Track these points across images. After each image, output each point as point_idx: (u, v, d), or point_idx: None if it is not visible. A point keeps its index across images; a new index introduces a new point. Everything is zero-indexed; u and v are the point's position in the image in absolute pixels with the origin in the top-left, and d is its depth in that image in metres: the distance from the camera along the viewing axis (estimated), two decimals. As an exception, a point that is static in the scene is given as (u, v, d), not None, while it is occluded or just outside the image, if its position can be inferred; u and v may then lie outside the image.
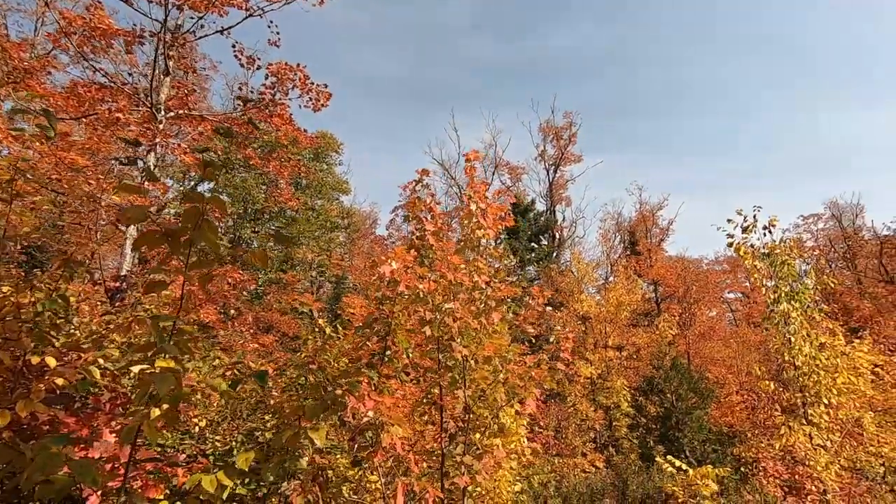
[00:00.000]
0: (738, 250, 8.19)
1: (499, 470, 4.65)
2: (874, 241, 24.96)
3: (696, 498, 5.28)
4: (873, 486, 9.67)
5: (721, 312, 35.38)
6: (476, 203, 3.87)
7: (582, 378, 19.79)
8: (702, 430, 12.60)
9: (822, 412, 7.23)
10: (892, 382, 14.66)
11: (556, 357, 3.91)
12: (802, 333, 7.54)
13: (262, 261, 2.07)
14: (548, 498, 12.50)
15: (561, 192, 32.42)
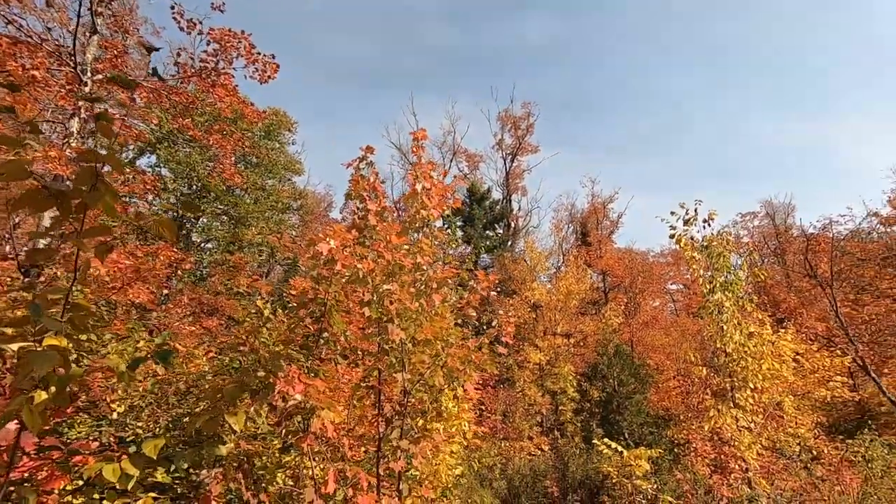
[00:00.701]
0: (679, 241, 8.52)
1: (439, 454, 4.63)
2: (802, 238, 26.74)
3: (630, 478, 5.47)
4: (790, 464, 10.45)
5: (663, 303, 37.11)
6: (421, 183, 3.76)
7: (531, 364, 20.26)
8: (640, 414, 13.18)
9: (748, 396, 7.69)
10: (810, 369, 15.84)
11: (497, 341, 3.88)
12: (734, 322, 7.96)
13: (171, 231, 1.87)
14: (493, 480, 12.76)
15: (517, 181, 32.78)
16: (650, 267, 32.59)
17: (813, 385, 15.82)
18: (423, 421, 4.26)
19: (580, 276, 21.73)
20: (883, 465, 10.23)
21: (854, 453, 11.47)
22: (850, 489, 9.32)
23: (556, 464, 9.34)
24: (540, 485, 8.67)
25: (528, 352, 19.87)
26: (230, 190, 21.76)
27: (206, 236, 21.64)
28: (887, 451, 11.47)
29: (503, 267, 23.06)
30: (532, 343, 20.63)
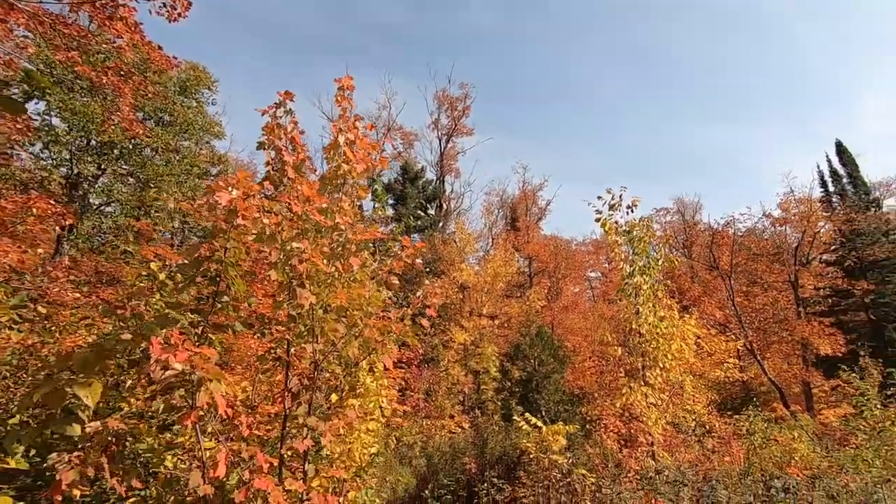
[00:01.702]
0: (603, 225, 8.75)
1: (354, 432, 4.35)
2: (707, 233, 29.08)
3: (546, 452, 5.51)
4: (687, 438, 11.32)
5: (583, 289, 39.06)
6: (344, 135, 3.37)
7: (456, 344, 20.46)
8: (557, 392, 13.68)
9: (658, 374, 8.11)
10: (708, 352, 17.25)
11: (421, 314, 3.63)
12: (649, 305, 8.32)
13: None
14: (413, 458, 12.72)
15: (451, 162, 32.66)
16: (573, 254, 34.04)
17: (709, 366, 17.31)
18: (338, 397, 3.95)
19: (508, 259, 22.14)
20: (763, 437, 11.38)
21: (740, 427, 12.69)
22: (736, 459, 10.27)
23: (475, 441, 9.40)
24: (458, 462, 8.67)
25: (453, 332, 20.01)
26: (138, 148, 19.65)
27: (107, 198, 19.44)
28: (766, 425, 12.82)
29: (433, 247, 22.94)
30: (458, 323, 20.80)
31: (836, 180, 27.77)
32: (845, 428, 12.05)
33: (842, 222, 24.33)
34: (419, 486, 9.30)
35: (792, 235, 26.12)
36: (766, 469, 8.74)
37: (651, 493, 4.73)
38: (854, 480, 6.92)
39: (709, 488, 4.20)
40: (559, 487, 5.45)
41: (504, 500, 6.69)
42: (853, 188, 27.28)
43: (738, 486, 6.32)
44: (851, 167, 27.72)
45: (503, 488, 6.68)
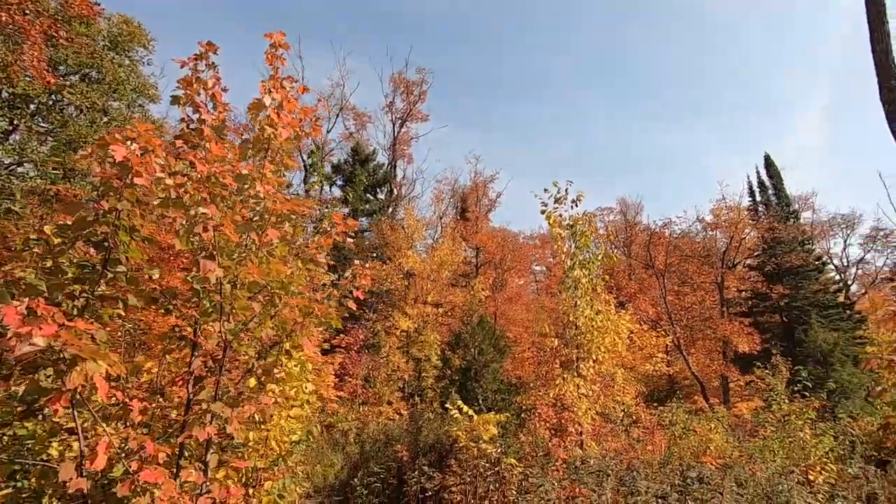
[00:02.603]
0: (548, 217, 8.80)
1: (273, 419, 4.07)
2: (645, 233, 30.41)
3: (477, 441, 5.46)
4: (615, 428, 11.77)
5: (528, 282, 39.92)
6: (271, 95, 3.05)
7: (398, 331, 20.28)
8: (495, 382, 13.83)
9: (590, 366, 8.31)
10: (639, 346, 18.01)
11: (348, 295, 3.40)
12: (587, 298, 8.49)
13: None
14: (346, 445, 12.47)
15: (404, 147, 32.15)
16: (520, 247, 34.65)
17: (640, 360, 18.13)
18: (256, 381, 3.66)
19: (455, 248, 22.13)
20: (683, 427, 12.05)
21: (664, 418, 13.38)
22: (659, 448, 10.79)
23: (409, 428, 9.29)
24: (391, 449, 8.53)
25: (396, 318, 19.80)
26: (59, 105, 17.84)
27: (19, 157, 17.57)
28: (687, 416, 13.59)
29: (381, 232, 22.54)
30: (402, 310, 20.61)
31: (762, 191, 29.73)
32: (756, 420, 12.93)
33: (765, 230, 26.12)
34: (350, 473, 9.10)
35: (721, 240, 27.81)
36: (685, 458, 9.22)
37: (575, 483, 4.78)
38: (761, 469, 7.40)
39: (630, 478, 4.28)
40: (487, 476, 5.43)
41: (433, 487, 6.61)
42: (777, 199, 29.32)
43: (659, 475, 6.58)
44: (777, 180, 29.75)
45: (433, 476, 6.61)
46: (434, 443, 8.50)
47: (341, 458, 11.15)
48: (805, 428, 8.65)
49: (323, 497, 8.95)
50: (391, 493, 7.70)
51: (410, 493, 6.98)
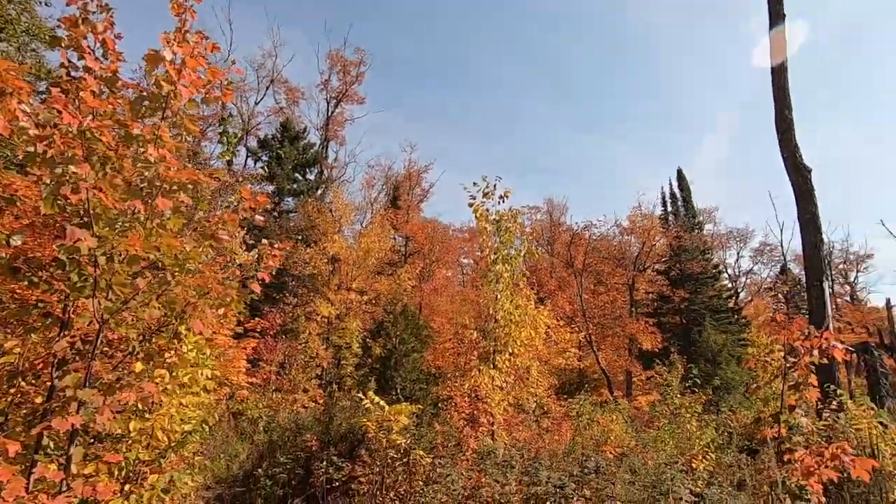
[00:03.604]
0: (475, 211, 8.87)
1: (162, 407, 3.71)
2: (568, 233, 31.86)
3: (387, 432, 5.39)
4: (527, 418, 12.23)
5: (455, 274, 40.38)
6: (172, 48, 2.72)
7: (319, 317, 19.69)
8: (414, 371, 13.84)
9: (506, 359, 8.52)
10: (555, 341, 18.83)
11: (254, 277, 3.15)
12: (507, 293, 8.67)
13: None
14: (255, 434, 11.91)
15: (338, 129, 31.13)
16: (449, 239, 34.96)
17: (554, 354, 18.97)
18: (143, 366, 3.30)
19: (384, 235, 21.83)
20: (589, 418, 12.79)
21: (572, 410, 14.11)
22: (564, 438, 11.36)
23: (321, 417, 9.03)
24: (301, 439, 8.24)
25: (318, 304, 19.21)
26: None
27: None
28: (593, 408, 14.45)
29: (307, 214, 21.69)
30: (324, 296, 20.03)
31: (673, 202, 32.18)
32: (652, 412, 14.00)
33: (673, 238, 28.32)
34: (256, 463, 8.68)
35: (635, 245, 29.78)
36: (588, 448, 9.77)
37: (482, 473, 4.85)
38: (653, 458, 8.00)
39: (533, 468, 4.41)
40: (396, 466, 5.37)
41: (341, 478, 6.46)
42: (685, 210, 31.89)
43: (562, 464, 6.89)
44: (686, 192, 32.33)
45: (342, 467, 6.45)
46: (346, 433, 8.32)
47: (248, 447, 10.63)
48: (692, 420, 9.46)
49: (224, 489, 8.47)
50: (297, 484, 7.44)
51: (317, 484, 6.78)
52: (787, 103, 9.85)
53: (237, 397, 13.88)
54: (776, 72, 10.23)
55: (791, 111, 9.79)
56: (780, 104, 9.99)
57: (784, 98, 9.92)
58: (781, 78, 10.12)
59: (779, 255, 40.50)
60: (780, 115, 9.97)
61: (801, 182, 9.36)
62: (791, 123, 9.73)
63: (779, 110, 10.02)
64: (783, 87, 10.02)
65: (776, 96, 10.10)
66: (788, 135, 9.69)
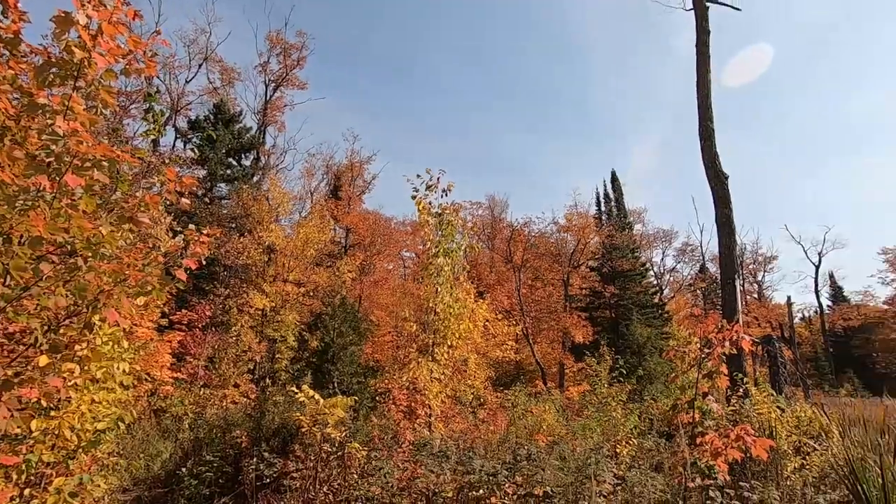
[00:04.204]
0: (418, 204, 8.84)
1: (70, 404, 3.42)
2: (508, 229, 32.60)
3: (323, 426, 5.28)
4: (464, 409, 12.43)
5: (396, 267, 40.16)
6: (87, 12, 2.47)
7: (253, 309, 18.91)
8: (352, 364, 13.65)
9: (445, 351, 8.60)
10: (493, 334, 19.24)
11: (178, 264, 2.96)
12: (448, 286, 8.73)
13: None
14: (179, 431, 11.27)
15: (276, 114, 29.87)
16: (391, 232, 34.66)
17: (492, 347, 19.39)
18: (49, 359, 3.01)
19: (323, 226, 21.26)
20: (523, 408, 13.22)
21: (507, 400, 14.52)
22: (500, 427, 11.67)
23: (252, 413, 8.70)
24: (230, 435, 7.90)
25: (252, 295, 18.42)
26: None
27: None
28: (527, 398, 14.95)
29: (242, 202, 20.70)
30: (259, 287, 19.25)
31: (607, 202, 33.79)
32: (582, 402, 14.67)
33: (605, 237, 29.74)
34: (180, 462, 8.21)
35: (570, 242, 31.01)
36: (521, 436, 10.10)
37: (417, 464, 4.88)
38: (581, 445, 8.40)
39: (467, 458, 4.49)
40: (330, 460, 5.28)
41: (272, 474, 6.27)
42: (618, 211, 33.58)
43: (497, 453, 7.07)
44: (618, 193, 34.05)
45: (273, 463, 6.26)
46: (279, 428, 8.08)
47: (171, 446, 10.04)
48: (618, 409, 10.02)
49: (143, 490, 7.96)
50: (225, 482, 7.13)
51: (246, 482, 6.54)
52: (709, 114, 10.61)
53: (160, 393, 13.06)
54: (700, 84, 10.98)
55: (712, 121, 10.56)
56: (703, 114, 10.73)
57: (706, 108, 10.67)
58: (705, 90, 10.87)
59: (699, 255, 43.81)
60: (702, 125, 10.71)
61: (718, 187, 10.12)
62: (712, 133, 10.48)
63: (701, 120, 10.76)
64: (706, 98, 10.77)
65: (699, 106, 10.84)
66: (709, 143, 10.44)
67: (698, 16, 11.44)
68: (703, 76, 11.04)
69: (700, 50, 11.21)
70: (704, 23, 11.32)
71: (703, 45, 11.18)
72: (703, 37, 11.22)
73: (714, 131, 10.55)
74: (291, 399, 7.66)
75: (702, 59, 11.11)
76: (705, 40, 11.12)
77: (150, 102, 3.79)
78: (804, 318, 53.59)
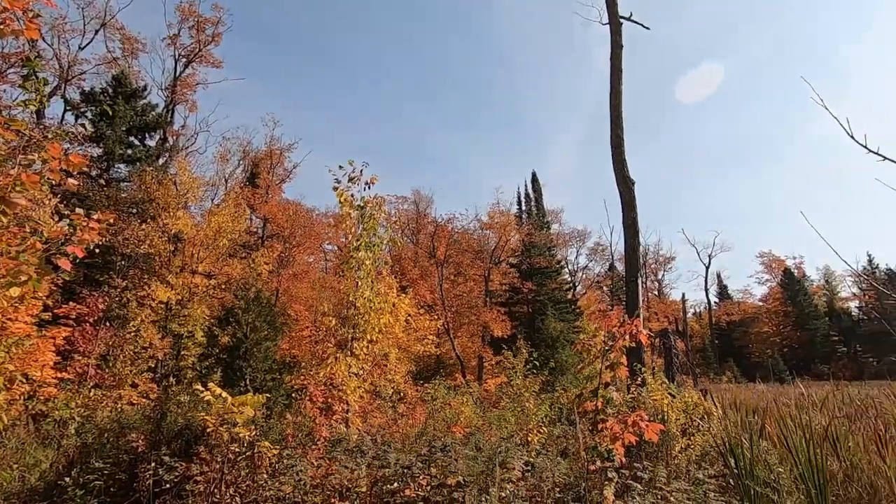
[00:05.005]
0: (340, 195, 8.63)
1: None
2: (432, 224, 32.86)
3: (231, 425, 5.01)
4: (383, 404, 12.38)
5: (317, 260, 38.96)
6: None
7: (156, 302, 17.44)
8: (267, 361, 13.08)
9: (364, 346, 8.50)
10: (415, 328, 19.33)
11: (61, 252, 2.66)
12: (368, 280, 8.63)
13: None
14: (63, 437, 10.15)
15: (187, 92, 27.66)
16: (313, 223, 33.51)
17: (414, 341, 19.48)
18: None
19: (238, 215, 20.07)
20: (442, 401, 13.43)
21: (427, 394, 14.67)
22: (418, 421, 11.77)
23: (152, 414, 8.06)
24: (124, 439, 7.26)
25: (154, 287, 16.96)
26: None
27: None
28: (446, 392, 15.21)
29: (145, 185, 18.96)
30: (163, 278, 17.77)
31: (527, 202, 35.17)
32: (499, 393, 15.21)
33: (525, 235, 30.97)
34: (63, 471, 7.39)
35: (492, 239, 31.91)
36: (439, 429, 10.26)
37: (332, 461, 4.80)
38: (496, 435, 8.71)
39: (382, 452, 4.49)
40: (239, 461, 5.03)
41: (173, 479, 5.84)
42: (537, 210, 35.07)
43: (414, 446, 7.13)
44: (538, 193, 35.57)
45: (175, 466, 5.83)
46: (182, 429, 7.55)
47: (53, 454, 9.01)
48: (530, 399, 10.51)
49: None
50: (117, 490, 6.53)
51: (142, 489, 6.05)
52: (620, 123, 11.39)
53: (40, 396, 11.66)
54: (612, 94, 11.74)
55: (622, 130, 11.35)
56: (614, 123, 11.50)
57: (617, 118, 11.45)
58: (616, 100, 11.65)
59: (608, 255, 47.00)
60: (613, 133, 11.47)
61: (626, 192, 10.91)
62: (622, 141, 11.27)
63: (613, 128, 11.53)
64: (617, 108, 11.55)
65: (611, 116, 11.61)
66: (619, 150, 11.21)
67: (613, 31, 12.21)
68: (615, 87, 11.83)
69: (614, 63, 11.98)
70: (618, 38, 12.11)
71: (617, 58, 11.96)
72: (616, 51, 12.00)
73: (623, 140, 11.36)
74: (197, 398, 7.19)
75: (615, 71, 11.88)
76: (619, 54, 11.90)
77: (31, 68, 3.35)
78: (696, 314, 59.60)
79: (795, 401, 7.94)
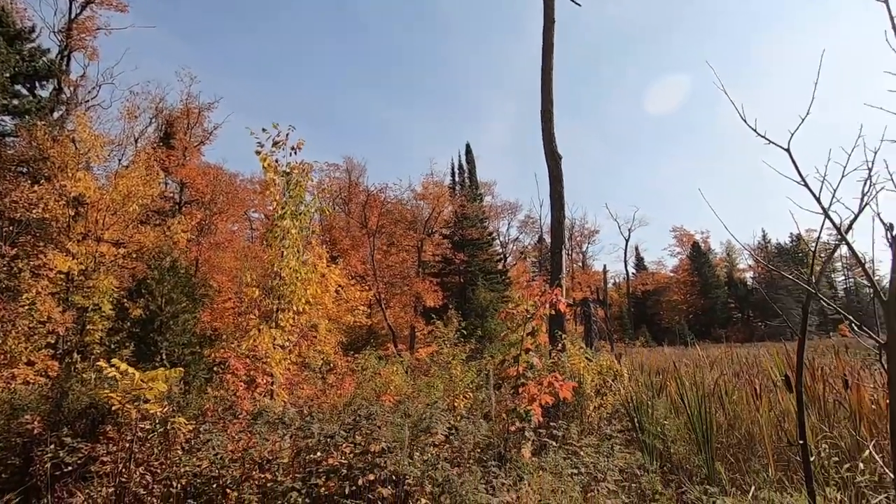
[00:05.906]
0: (263, 160, 8.16)
1: None
2: (364, 194, 32.21)
3: (138, 402, 4.72)
4: (312, 375, 12.20)
5: (242, 228, 37.02)
6: None
7: (54, 272, 15.77)
8: (185, 334, 12.38)
9: (290, 317, 8.26)
10: (346, 299, 19.08)
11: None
12: (294, 249, 8.33)
13: None
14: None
15: (86, 37, 24.56)
16: (236, 190, 31.59)
17: (344, 312, 19.25)
18: None
19: (151, 178, 18.39)
20: (372, 371, 13.47)
21: (357, 364, 14.64)
22: (347, 391, 11.75)
23: (50, 394, 7.41)
24: (16, 422, 6.64)
25: (51, 256, 15.30)
26: None
27: None
28: (377, 361, 15.26)
29: (36, 141, 16.84)
30: (62, 246, 16.05)
31: (461, 173, 35.36)
32: (430, 362, 15.50)
33: (458, 206, 31.23)
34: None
35: (426, 210, 31.88)
36: (368, 398, 10.30)
37: (252, 434, 4.67)
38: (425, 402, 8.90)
39: (306, 423, 4.44)
40: (150, 439, 4.77)
41: (76, 461, 5.45)
42: (470, 182, 35.38)
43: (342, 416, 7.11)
44: (472, 165, 35.84)
45: (78, 448, 5.43)
46: (87, 408, 7.02)
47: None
48: (458, 366, 10.81)
49: None
50: (10, 476, 6.00)
51: (40, 473, 5.59)
52: (550, 99, 11.62)
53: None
54: (544, 71, 11.91)
55: (552, 106, 11.59)
56: (545, 98, 11.71)
57: (548, 94, 11.66)
58: (547, 76, 11.83)
59: (538, 227, 48.67)
60: (544, 108, 11.69)
61: (553, 166, 11.24)
62: (551, 116, 11.52)
63: (544, 103, 11.74)
64: (548, 84, 11.75)
65: (542, 90, 11.80)
66: (548, 125, 11.47)
67: (546, 5, 12.29)
68: (547, 63, 11.99)
69: (546, 38, 12.11)
70: (551, 12, 12.21)
71: (549, 33, 12.09)
72: (548, 25, 12.12)
73: (553, 114, 11.62)
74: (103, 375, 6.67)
75: (547, 46, 12.03)
76: (550, 28, 12.03)
77: None
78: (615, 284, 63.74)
79: (694, 361, 8.79)
